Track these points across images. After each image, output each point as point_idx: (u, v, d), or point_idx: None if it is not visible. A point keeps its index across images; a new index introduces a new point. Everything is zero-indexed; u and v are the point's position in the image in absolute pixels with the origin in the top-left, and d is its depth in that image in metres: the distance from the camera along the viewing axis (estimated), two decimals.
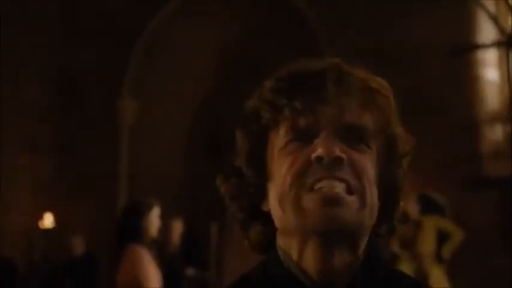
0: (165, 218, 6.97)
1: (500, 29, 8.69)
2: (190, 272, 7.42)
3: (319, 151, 0.94)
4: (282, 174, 0.96)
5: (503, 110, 8.92)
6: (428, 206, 6.36)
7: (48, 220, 10.00)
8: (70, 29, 10.91)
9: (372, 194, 0.96)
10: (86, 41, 10.72)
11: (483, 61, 8.97)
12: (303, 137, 0.97)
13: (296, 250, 0.97)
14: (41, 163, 10.25)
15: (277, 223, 1.00)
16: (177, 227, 7.24)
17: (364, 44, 8.73)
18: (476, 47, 8.86)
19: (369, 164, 0.98)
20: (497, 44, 8.87)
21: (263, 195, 1.03)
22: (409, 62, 8.59)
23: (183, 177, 10.68)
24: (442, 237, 6.32)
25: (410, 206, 6.46)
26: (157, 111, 10.55)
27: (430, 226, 6.30)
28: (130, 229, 3.71)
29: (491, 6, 8.80)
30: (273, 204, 0.99)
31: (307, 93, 0.98)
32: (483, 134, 8.86)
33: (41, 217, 9.99)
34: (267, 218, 1.02)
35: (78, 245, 8.90)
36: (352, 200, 0.94)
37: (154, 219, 3.82)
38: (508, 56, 8.68)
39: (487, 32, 8.93)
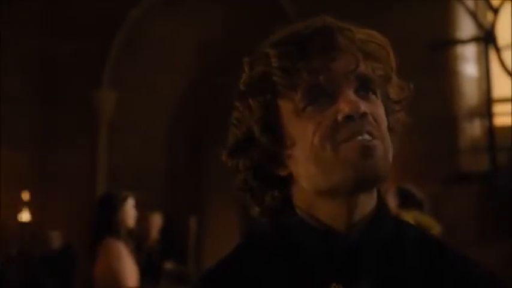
0: (144, 210, 6.96)
1: (479, 24, 8.75)
2: (168, 265, 7.39)
3: (346, 110, 0.97)
4: (309, 137, 0.99)
5: (482, 105, 8.99)
6: (407, 200, 6.36)
7: (25, 214, 9.91)
8: (49, 18, 10.79)
9: (390, 143, 1.01)
10: (65, 31, 10.61)
11: (462, 56, 9.03)
12: (322, 97, 0.99)
13: (321, 207, 1.02)
14: (18, 155, 10.14)
15: (308, 184, 1.02)
16: (156, 221, 7.22)
17: None
18: (455, 42, 8.92)
19: (383, 114, 1.02)
20: (476, 40, 8.94)
21: (280, 160, 1.05)
22: None
23: (162, 170, 10.64)
24: None
25: (389, 200, 6.48)
26: (137, 102, 10.48)
27: (408, 220, 6.31)
28: (105, 223, 3.66)
29: (470, 2, 8.86)
30: (303, 167, 1.01)
31: (319, 52, 1.00)
32: (462, 129, 8.92)
33: (18, 211, 9.89)
34: (283, 182, 1.06)
35: (55, 239, 8.83)
36: (383, 150, 0.98)
37: (129, 211, 3.77)
38: (486, 52, 8.75)
39: (466, 27, 8.99)
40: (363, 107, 0.97)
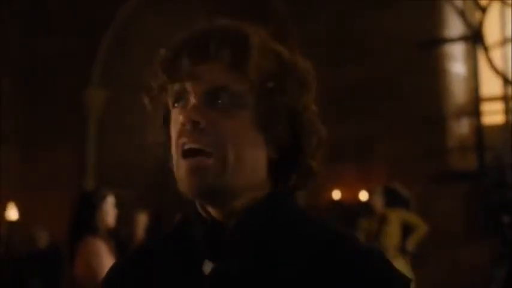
0: (131, 210, 6.93)
1: (467, 24, 8.77)
2: None
3: (181, 118, 1.01)
4: (175, 140, 1.05)
5: (470, 104, 9.01)
6: (393, 199, 6.39)
7: (13, 212, 9.87)
8: (38, 16, 10.76)
9: (239, 156, 1.01)
10: (54, 29, 10.58)
11: (450, 55, 9.05)
12: (179, 104, 1.04)
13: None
14: (6, 153, 10.10)
15: None
16: (142, 219, 7.21)
17: (335, 33, 8.74)
18: (444, 41, 8.93)
19: (238, 126, 1.01)
20: (464, 39, 8.96)
21: None
22: (378, 53, 8.63)
23: (151, 168, 10.60)
24: (407, 230, 6.36)
25: (376, 199, 6.51)
26: (126, 101, 10.44)
27: (395, 219, 6.32)
28: (84, 222, 3.63)
29: (458, 2, 8.88)
30: None
31: (185, 60, 1.03)
32: (450, 128, 8.94)
33: (5, 209, 9.85)
34: None
35: (42, 239, 8.80)
36: (213, 165, 1.00)
37: (109, 209, 3.74)
38: (474, 51, 8.77)
39: (454, 26, 9.01)
40: (196, 116, 1.00)
